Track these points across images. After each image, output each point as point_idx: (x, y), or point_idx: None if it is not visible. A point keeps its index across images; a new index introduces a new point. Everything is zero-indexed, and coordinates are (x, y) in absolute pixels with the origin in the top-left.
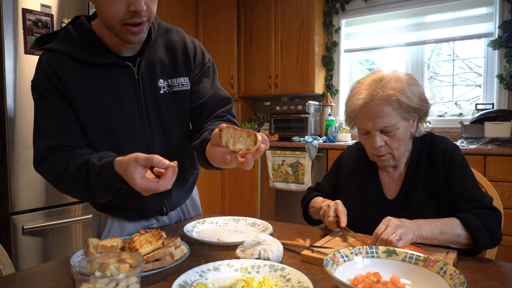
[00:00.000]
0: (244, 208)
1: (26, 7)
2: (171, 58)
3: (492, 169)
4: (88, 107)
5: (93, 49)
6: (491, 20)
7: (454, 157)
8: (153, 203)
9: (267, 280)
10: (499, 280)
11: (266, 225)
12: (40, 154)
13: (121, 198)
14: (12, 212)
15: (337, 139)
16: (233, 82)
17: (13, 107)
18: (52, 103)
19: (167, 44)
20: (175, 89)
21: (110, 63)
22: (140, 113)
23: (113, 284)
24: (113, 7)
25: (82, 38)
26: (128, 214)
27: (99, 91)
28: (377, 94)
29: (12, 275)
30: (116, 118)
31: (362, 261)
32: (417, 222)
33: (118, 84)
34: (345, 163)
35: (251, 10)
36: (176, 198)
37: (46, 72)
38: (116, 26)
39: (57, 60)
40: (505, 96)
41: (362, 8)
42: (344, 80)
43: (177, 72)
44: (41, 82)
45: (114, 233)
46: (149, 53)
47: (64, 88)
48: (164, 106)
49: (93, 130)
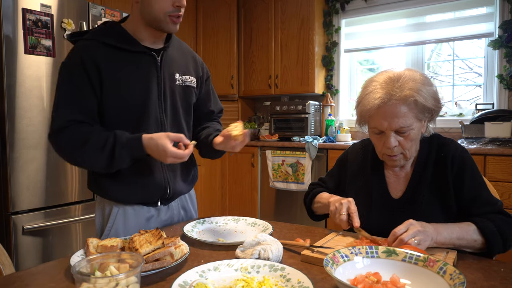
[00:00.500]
0: (244, 208)
1: (26, 7)
2: (183, 59)
3: (492, 169)
4: (116, 86)
5: (124, 40)
6: (491, 20)
7: (464, 161)
8: (158, 179)
9: (267, 280)
10: (499, 280)
11: (266, 225)
12: (60, 124)
13: (133, 170)
14: (12, 212)
15: (337, 139)
16: (233, 82)
17: (13, 107)
18: (78, 85)
19: (180, 49)
20: (187, 84)
21: (139, 51)
22: (158, 96)
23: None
24: (162, 2)
25: (114, 31)
26: (132, 195)
27: (127, 73)
28: (395, 94)
29: (12, 275)
30: (138, 97)
31: (362, 261)
32: (437, 227)
33: (143, 69)
34: (350, 161)
35: (251, 10)
36: (177, 184)
37: (82, 56)
38: (162, 17)
39: (93, 46)
40: (505, 96)
41: (362, 8)
42: (344, 80)
43: (188, 71)
44: (74, 64)
45: (118, 224)
46: (169, 50)
47: (97, 69)
48: (178, 95)
49: (115, 107)
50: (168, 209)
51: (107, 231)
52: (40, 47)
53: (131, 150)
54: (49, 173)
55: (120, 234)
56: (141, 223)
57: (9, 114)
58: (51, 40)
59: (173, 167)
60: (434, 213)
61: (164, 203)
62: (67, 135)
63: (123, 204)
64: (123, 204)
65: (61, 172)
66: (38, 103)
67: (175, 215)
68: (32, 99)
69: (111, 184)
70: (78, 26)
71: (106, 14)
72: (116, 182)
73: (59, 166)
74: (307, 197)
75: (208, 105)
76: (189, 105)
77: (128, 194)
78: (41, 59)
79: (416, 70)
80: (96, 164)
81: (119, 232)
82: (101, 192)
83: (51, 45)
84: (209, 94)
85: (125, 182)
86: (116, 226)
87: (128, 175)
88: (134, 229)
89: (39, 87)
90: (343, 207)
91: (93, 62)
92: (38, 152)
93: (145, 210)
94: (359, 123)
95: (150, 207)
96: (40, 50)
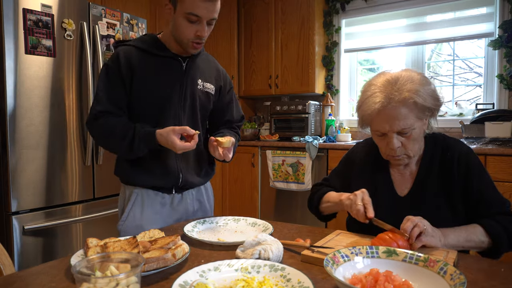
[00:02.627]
0: (244, 208)
1: (27, 7)
2: (207, 69)
3: (492, 169)
4: (144, 83)
5: (158, 48)
6: (491, 20)
7: (471, 161)
8: (172, 168)
9: (267, 280)
10: (499, 280)
11: (266, 225)
12: (94, 114)
13: (151, 159)
14: (13, 212)
15: (338, 139)
16: (233, 82)
17: (14, 107)
18: (112, 80)
19: (207, 60)
20: (207, 90)
21: (168, 56)
22: (179, 96)
23: (113, 284)
24: (187, 31)
25: (151, 40)
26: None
27: (155, 74)
28: (394, 97)
29: (13, 275)
30: (162, 95)
31: (362, 261)
32: (443, 231)
33: (170, 72)
34: (355, 160)
35: (251, 10)
36: (189, 175)
37: (120, 58)
38: (185, 42)
39: (131, 50)
40: (505, 96)
41: (362, 8)
42: (344, 80)
43: (209, 79)
44: (111, 65)
45: (136, 207)
46: (195, 59)
47: (130, 68)
48: (198, 98)
49: (142, 101)
50: (182, 198)
51: (126, 213)
52: (40, 47)
53: (147, 143)
54: (50, 173)
55: (137, 216)
56: (156, 208)
57: (9, 114)
58: (52, 40)
59: (185, 158)
60: (440, 211)
61: (178, 191)
62: (98, 125)
63: (141, 187)
64: (141, 187)
65: (62, 172)
66: (39, 103)
67: (189, 205)
68: (33, 99)
69: (133, 170)
70: (78, 26)
71: (106, 14)
72: (137, 168)
73: (60, 166)
74: (313, 198)
75: (228, 114)
76: (205, 108)
77: (146, 178)
78: (42, 59)
79: (413, 70)
80: (119, 151)
81: (136, 215)
82: (124, 176)
83: (51, 45)
84: (230, 104)
85: (144, 167)
86: (134, 209)
87: (147, 162)
88: (150, 213)
89: (40, 87)
90: (358, 198)
91: (128, 62)
92: (38, 152)
93: (159, 196)
94: (361, 126)
95: (165, 194)
96: (40, 50)
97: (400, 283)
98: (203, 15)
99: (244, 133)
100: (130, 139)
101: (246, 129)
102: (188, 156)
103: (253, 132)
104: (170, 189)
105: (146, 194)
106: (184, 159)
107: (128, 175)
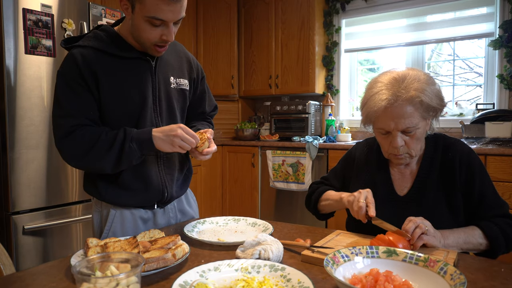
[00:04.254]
0: (244, 208)
1: (27, 7)
2: (178, 63)
3: (492, 169)
4: (112, 92)
5: (119, 46)
6: (492, 20)
7: (472, 162)
8: (155, 183)
9: (267, 280)
10: (499, 280)
11: (267, 225)
12: (67, 129)
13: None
14: (13, 212)
15: (338, 139)
16: (233, 82)
17: (13, 107)
18: (77, 91)
19: (175, 52)
20: (181, 87)
21: (134, 57)
22: (153, 101)
23: (114, 284)
24: (150, 34)
25: (109, 38)
26: (130, 199)
27: (122, 80)
28: (401, 95)
29: (13, 275)
30: (134, 102)
31: (362, 261)
32: (443, 232)
33: (139, 75)
34: (355, 159)
35: (251, 10)
36: (175, 186)
37: (78, 64)
38: (148, 45)
39: (89, 54)
40: (505, 96)
41: (363, 8)
42: (345, 80)
43: (182, 74)
44: (70, 72)
45: (116, 226)
46: (164, 55)
47: (94, 77)
48: (173, 98)
49: (113, 112)
50: (164, 212)
51: (105, 233)
52: (40, 47)
53: (140, 142)
54: (50, 173)
55: (118, 236)
56: (138, 225)
57: (9, 114)
58: (52, 40)
59: (170, 170)
60: (439, 211)
61: (161, 206)
62: (78, 138)
63: (120, 207)
64: (120, 207)
65: (62, 172)
66: (39, 103)
67: (172, 218)
68: (33, 99)
69: (109, 188)
70: (78, 26)
71: (106, 14)
72: (113, 186)
73: (60, 166)
74: (311, 196)
75: (202, 105)
76: (183, 108)
77: (126, 198)
78: (42, 59)
79: (419, 69)
80: (106, 160)
81: (117, 234)
82: (98, 195)
83: (51, 45)
84: (203, 95)
85: (123, 187)
86: (114, 228)
87: (125, 180)
88: (131, 231)
89: (40, 87)
90: (362, 196)
91: (90, 70)
92: (38, 152)
93: (142, 213)
94: (364, 123)
95: (147, 210)
96: (40, 50)
97: (400, 283)
98: (168, 18)
99: (244, 133)
100: (119, 143)
101: (246, 129)
102: (173, 167)
103: (253, 132)
104: (152, 205)
105: (126, 212)
106: (168, 170)
107: (103, 194)
